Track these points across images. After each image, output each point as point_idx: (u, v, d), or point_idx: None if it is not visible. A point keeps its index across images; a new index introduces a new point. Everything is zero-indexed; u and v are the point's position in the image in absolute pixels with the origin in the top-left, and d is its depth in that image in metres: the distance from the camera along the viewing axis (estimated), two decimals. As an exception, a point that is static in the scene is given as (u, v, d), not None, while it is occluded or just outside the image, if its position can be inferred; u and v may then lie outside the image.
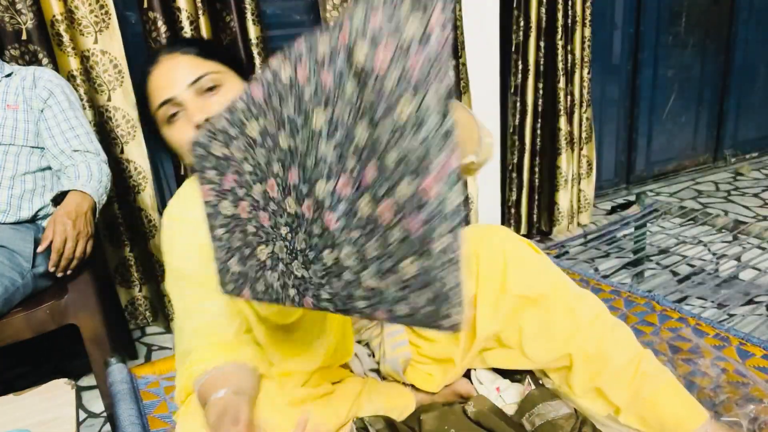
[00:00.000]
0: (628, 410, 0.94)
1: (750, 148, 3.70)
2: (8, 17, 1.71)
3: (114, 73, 1.86)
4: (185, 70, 0.89)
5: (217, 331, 0.94)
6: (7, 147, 1.49)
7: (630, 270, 2.03)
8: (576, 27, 2.49)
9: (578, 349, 0.95)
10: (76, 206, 1.41)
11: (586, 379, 0.96)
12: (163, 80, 0.89)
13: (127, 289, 2.13)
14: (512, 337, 1.00)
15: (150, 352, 2.05)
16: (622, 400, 0.94)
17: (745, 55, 3.46)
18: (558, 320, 0.96)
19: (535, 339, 0.98)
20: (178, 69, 0.89)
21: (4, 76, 1.53)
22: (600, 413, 0.98)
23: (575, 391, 0.99)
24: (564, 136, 2.57)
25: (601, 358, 0.95)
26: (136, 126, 1.92)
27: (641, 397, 0.93)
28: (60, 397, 1.04)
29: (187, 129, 0.88)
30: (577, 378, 0.97)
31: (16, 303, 1.40)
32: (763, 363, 1.15)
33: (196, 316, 0.93)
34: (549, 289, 0.97)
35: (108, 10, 1.81)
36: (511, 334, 0.99)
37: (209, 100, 0.89)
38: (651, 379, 0.94)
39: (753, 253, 1.94)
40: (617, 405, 0.95)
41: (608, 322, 0.98)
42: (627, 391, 0.94)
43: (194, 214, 0.90)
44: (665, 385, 0.94)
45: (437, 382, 1.08)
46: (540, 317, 0.96)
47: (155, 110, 0.91)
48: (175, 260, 0.96)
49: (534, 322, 0.97)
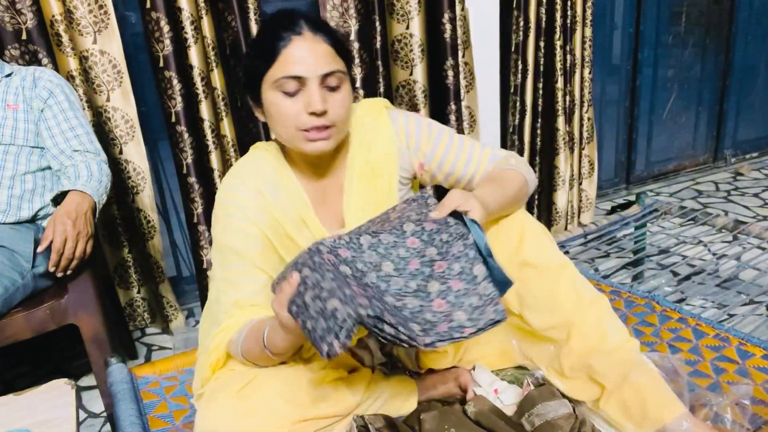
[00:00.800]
0: (612, 394, 0.96)
1: (750, 148, 3.70)
2: (8, 17, 1.71)
3: (113, 74, 1.86)
4: (324, 59, 0.95)
5: (257, 302, 1.00)
6: (7, 147, 1.49)
7: (630, 270, 2.03)
8: (576, 27, 2.48)
9: (580, 321, 1.00)
10: (76, 206, 1.41)
11: (581, 354, 1.00)
12: (303, 56, 0.94)
13: (126, 290, 2.12)
14: (515, 301, 1.06)
15: (150, 352, 2.05)
16: (610, 381, 0.97)
17: (745, 55, 3.46)
18: (563, 292, 1.02)
19: (538, 304, 1.03)
20: (319, 54, 0.94)
21: (4, 76, 1.54)
22: (584, 397, 1.01)
23: (565, 369, 1.02)
24: (562, 136, 2.57)
25: (599, 334, 0.99)
26: (135, 126, 1.92)
27: (629, 381, 0.95)
28: (60, 397, 1.04)
29: (298, 107, 0.94)
30: (571, 352, 1.01)
31: (16, 303, 1.40)
32: (763, 363, 1.15)
33: (241, 287, 1.01)
34: (558, 265, 1.03)
35: (107, 10, 1.81)
36: (515, 297, 1.05)
37: (329, 95, 0.96)
38: (639, 365, 0.97)
39: (753, 253, 1.94)
40: (604, 385, 0.97)
41: (607, 307, 1.04)
42: (616, 373, 0.96)
43: (248, 195, 1.02)
44: (650, 375, 0.97)
45: (449, 358, 1.13)
46: (546, 287, 1.02)
47: (278, 77, 0.94)
48: (228, 236, 1.02)
49: (540, 290, 1.03)
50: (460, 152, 1.11)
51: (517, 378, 1.12)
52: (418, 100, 2.25)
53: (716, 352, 1.20)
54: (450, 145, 1.11)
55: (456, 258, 0.88)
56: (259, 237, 1.02)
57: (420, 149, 1.10)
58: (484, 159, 1.12)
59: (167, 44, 1.83)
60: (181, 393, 1.22)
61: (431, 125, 1.12)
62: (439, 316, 0.84)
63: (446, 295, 0.86)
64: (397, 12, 2.14)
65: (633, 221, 2.06)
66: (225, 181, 1.06)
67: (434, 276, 0.88)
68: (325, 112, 0.94)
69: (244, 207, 1.01)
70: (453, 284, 0.87)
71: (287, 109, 0.95)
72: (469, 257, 0.88)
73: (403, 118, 1.10)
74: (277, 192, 1.03)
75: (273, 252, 1.03)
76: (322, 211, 1.08)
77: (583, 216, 2.81)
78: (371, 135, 1.08)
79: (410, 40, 2.17)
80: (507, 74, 2.51)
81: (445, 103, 2.27)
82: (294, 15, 0.97)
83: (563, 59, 2.49)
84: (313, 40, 0.95)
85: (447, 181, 1.14)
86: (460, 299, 0.85)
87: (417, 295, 0.86)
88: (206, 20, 1.87)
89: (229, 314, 1.01)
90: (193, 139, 1.94)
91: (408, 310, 0.85)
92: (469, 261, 0.88)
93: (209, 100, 1.93)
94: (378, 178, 1.08)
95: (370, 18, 2.12)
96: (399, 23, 2.16)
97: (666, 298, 1.41)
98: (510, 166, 1.09)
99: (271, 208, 1.02)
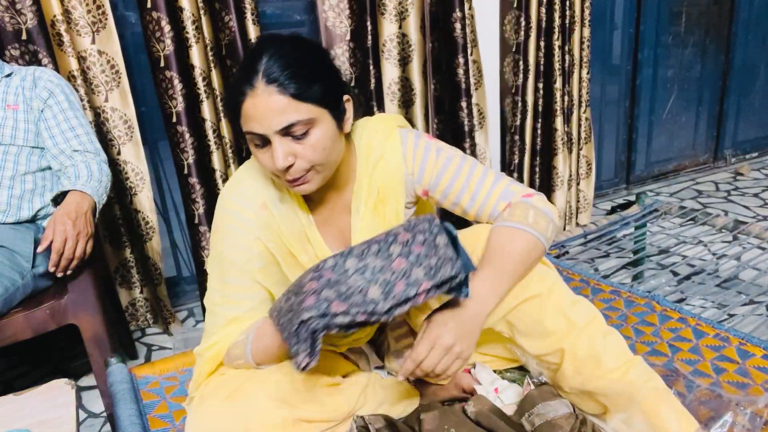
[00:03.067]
0: (617, 414, 0.94)
1: (750, 148, 3.70)
2: (8, 17, 1.71)
3: (111, 74, 1.86)
4: (278, 113, 0.88)
5: (254, 318, 1.01)
6: (7, 147, 1.49)
7: (630, 270, 2.03)
8: (575, 27, 2.49)
9: (571, 348, 0.96)
10: (76, 206, 1.41)
11: (576, 380, 0.97)
12: (256, 113, 0.89)
13: (128, 290, 2.12)
14: (506, 331, 1.01)
15: (150, 352, 2.05)
16: (613, 402, 0.94)
17: (745, 55, 3.46)
18: (550, 319, 0.97)
19: (529, 331, 0.99)
20: (272, 109, 0.88)
21: (4, 76, 1.54)
22: (588, 411, 0.99)
23: (564, 388, 1.00)
24: (560, 136, 2.57)
25: (593, 361, 0.95)
26: (133, 127, 1.92)
27: (635, 401, 0.92)
28: (60, 397, 1.04)
29: (270, 160, 0.92)
30: (565, 378, 0.98)
31: (16, 303, 1.40)
32: (763, 363, 1.15)
33: (240, 303, 1.01)
34: (546, 290, 0.98)
35: (105, 11, 1.80)
36: (505, 327, 1.01)
37: (296, 145, 0.91)
38: (640, 387, 0.93)
39: (753, 253, 1.94)
40: (606, 406, 0.96)
41: (600, 329, 0.98)
42: (619, 394, 0.93)
43: (252, 208, 0.99)
44: (654, 394, 0.93)
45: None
46: (534, 315, 0.98)
47: (245, 130, 0.92)
48: (228, 248, 1.01)
49: (528, 318, 0.98)
50: (466, 186, 1.04)
51: (517, 378, 1.12)
52: (417, 98, 2.27)
53: (716, 352, 1.20)
54: (456, 176, 1.04)
55: (422, 231, 0.91)
56: (261, 252, 1.00)
57: (425, 176, 1.05)
58: (494, 195, 1.04)
59: (168, 44, 1.83)
60: (181, 393, 1.22)
61: (440, 152, 1.05)
62: (398, 273, 0.86)
63: (407, 255, 0.88)
64: (389, 12, 2.15)
65: (633, 221, 2.06)
66: (228, 189, 1.03)
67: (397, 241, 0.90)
68: (291, 166, 0.91)
69: (247, 220, 0.99)
70: (415, 248, 0.89)
71: (261, 159, 0.93)
72: (434, 233, 0.91)
73: (413, 142, 1.05)
74: (280, 204, 1.01)
75: (275, 267, 1.02)
76: (326, 229, 1.06)
77: (581, 216, 2.81)
78: (379, 153, 1.04)
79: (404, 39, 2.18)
80: (504, 73, 2.52)
81: (456, 100, 2.30)
82: (254, 63, 0.89)
83: (561, 59, 2.49)
84: (265, 93, 0.87)
85: (454, 210, 1.08)
86: (419, 259, 0.87)
87: (379, 256, 0.88)
88: (204, 20, 1.87)
89: (224, 328, 1.00)
90: (195, 140, 1.94)
91: (369, 271, 0.86)
92: (434, 234, 0.90)
93: (210, 100, 1.93)
94: (386, 205, 1.05)
95: (362, 17, 2.12)
96: (391, 23, 2.17)
97: (666, 298, 1.41)
98: (520, 226, 0.99)
99: (275, 223, 1.00)
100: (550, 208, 1.03)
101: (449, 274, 0.85)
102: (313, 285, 0.85)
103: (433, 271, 0.86)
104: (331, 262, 0.88)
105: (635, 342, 1.27)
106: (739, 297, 1.79)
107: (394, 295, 0.84)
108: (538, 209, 1.01)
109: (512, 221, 1.00)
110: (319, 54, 0.96)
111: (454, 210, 1.09)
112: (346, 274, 0.86)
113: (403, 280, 0.85)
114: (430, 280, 0.85)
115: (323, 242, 1.04)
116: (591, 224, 2.04)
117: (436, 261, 0.87)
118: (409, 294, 0.84)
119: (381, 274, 0.86)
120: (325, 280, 0.86)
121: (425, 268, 0.86)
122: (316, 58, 0.94)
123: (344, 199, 1.05)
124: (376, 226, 1.04)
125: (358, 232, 1.05)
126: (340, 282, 0.86)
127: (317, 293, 0.84)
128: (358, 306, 0.83)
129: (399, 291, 0.84)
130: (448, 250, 0.88)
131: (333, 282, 0.86)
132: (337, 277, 0.86)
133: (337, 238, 1.07)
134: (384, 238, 0.90)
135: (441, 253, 0.88)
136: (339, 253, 0.90)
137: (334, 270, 0.87)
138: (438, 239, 0.89)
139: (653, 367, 0.98)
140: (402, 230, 0.91)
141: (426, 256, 0.87)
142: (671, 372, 1.08)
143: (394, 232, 0.91)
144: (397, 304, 0.84)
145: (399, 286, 0.84)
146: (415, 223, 0.92)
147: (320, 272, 0.87)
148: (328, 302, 0.83)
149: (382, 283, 0.85)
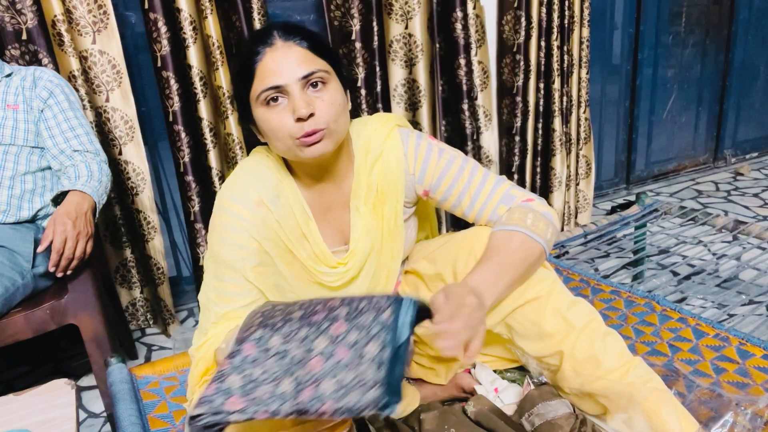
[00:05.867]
0: (618, 415, 0.94)
1: (750, 148, 3.70)
2: (8, 17, 1.71)
3: (112, 74, 1.86)
4: (299, 63, 0.92)
5: (244, 315, 0.98)
6: (7, 147, 1.50)
7: (630, 270, 2.04)
8: (574, 27, 2.48)
9: (570, 350, 0.96)
10: (76, 206, 1.41)
11: (576, 381, 0.97)
12: (277, 66, 0.92)
13: (128, 290, 2.12)
14: (505, 333, 1.02)
15: (150, 352, 2.05)
16: (613, 403, 0.94)
17: (745, 55, 3.46)
18: (548, 322, 0.97)
19: (527, 337, 0.99)
20: (293, 59, 0.92)
21: (4, 76, 1.54)
22: (588, 411, 0.99)
23: (564, 389, 1.00)
24: (559, 137, 2.57)
25: (592, 363, 0.95)
26: (134, 127, 1.92)
27: (634, 402, 0.92)
28: (60, 397, 1.04)
29: (286, 117, 0.92)
30: (565, 379, 0.98)
31: (16, 303, 1.40)
32: (763, 363, 1.15)
33: (232, 300, 1.00)
34: (546, 292, 0.98)
35: (106, 10, 1.80)
36: (504, 330, 1.02)
37: (314, 96, 0.93)
38: (640, 387, 0.93)
39: (753, 253, 1.94)
40: (606, 406, 0.96)
41: (599, 330, 0.98)
42: (619, 396, 0.93)
43: (248, 206, 0.99)
44: (654, 394, 0.92)
45: (442, 377, 1.11)
46: (532, 318, 0.98)
47: (259, 92, 0.93)
48: (224, 247, 1.00)
49: (527, 321, 0.98)
50: (467, 188, 1.04)
51: (517, 378, 1.12)
52: (421, 97, 2.26)
53: (716, 351, 1.20)
54: (458, 178, 1.05)
55: (360, 328, 0.76)
56: (256, 252, 1.00)
57: (426, 177, 1.06)
58: (494, 199, 1.04)
59: (164, 45, 1.83)
60: (181, 393, 1.23)
61: (442, 153, 1.06)
62: (311, 377, 0.74)
63: (327, 357, 0.75)
64: (396, 12, 2.15)
65: (633, 221, 2.06)
66: (225, 188, 1.03)
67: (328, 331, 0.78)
68: (312, 115, 0.91)
69: (243, 219, 0.99)
70: (338, 351, 0.76)
71: (276, 122, 0.93)
72: (370, 334, 0.75)
73: (414, 141, 1.05)
74: (278, 201, 1.01)
75: (270, 266, 1.02)
76: (324, 225, 1.06)
77: (581, 216, 2.81)
78: (378, 151, 1.04)
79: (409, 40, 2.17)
80: (503, 74, 2.51)
81: (458, 101, 2.29)
82: (268, 28, 0.96)
83: (560, 59, 2.49)
84: (286, 46, 0.93)
85: (454, 212, 1.09)
86: (336, 369, 0.74)
87: (303, 344, 0.78)
88: (212, 19, 1.87)
89: (216, 325, 1.00)
90: (190, 138, 1.94)
91: (289, 358, 0.77)
92: (370, 338, 0.75)
93: (207, 99, 1.93)
94: (385, 204, 1.05)
95: (369, 17, 2.12)
96: (397, 23, 2.16)
97: (666, 298, 1.41)
98: (518, 228, 0.99)
99: (272, 219, 1.00)
100: (550, 212, 1.03)
101: (354, 405, 0.70)
102: (226, 364, 0.78)
103: (341, 392, 0.71)
104: (259, 333, 0.81)
105: (635, 342, 1.27)
106: (739, 297, 1.79)
107: (299, 401, 0.72)
108: (537, 212, 1.01)
109: (510, 224, 1.00)
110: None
111: (453, 212, 1.09)
112: (267, 353, 0.78)
113: (312, 387, 0.73)
114: (334, 402, 0.71)
115: (321, 238, 1.05)
116: (591, 224, 2.04)
117: (351, 379, 0.72)
118: (311, 407, 0.71)
119: (298, 368, 0.75)
120: (241, 358, 0.78)
121: (336, 384, 0.72)
122: (322, 36, 0.97)
123: (342, 195, 1.06)
124: (375, 225, 1.05)
125: (358, 231, 1.05)
126: (257, 362, 0.77)
127: (222, 379, 0.76)
128: (260, 404, 0.73)
129: (304, 399, 0.72)
130: (369, 369, 0.72)
131: (249, 361, 0.78)
132: (257, 355, 0.78)
133: (336, 235, 1.07)
134: (324, 317, 0.79)
135: (361, 369, 0.72)
136: (270, 324, 0.81)
137: (258, 344, 0.79)
138: (368, 347, 0.74)
139: (653, 367, 0.98)
140: (344, 316, 0.78)
141: (345, 366, 0.73)
142: (671, 372, 1.09)
143: (335, 315, 0.79)
144: (301, 411, 0.72)
145: (306, 393, 0.72)
146: (365, 310, 0.78)
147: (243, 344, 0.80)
148: (226, 396, 0.74)
149: (296, 379, 0.74)
